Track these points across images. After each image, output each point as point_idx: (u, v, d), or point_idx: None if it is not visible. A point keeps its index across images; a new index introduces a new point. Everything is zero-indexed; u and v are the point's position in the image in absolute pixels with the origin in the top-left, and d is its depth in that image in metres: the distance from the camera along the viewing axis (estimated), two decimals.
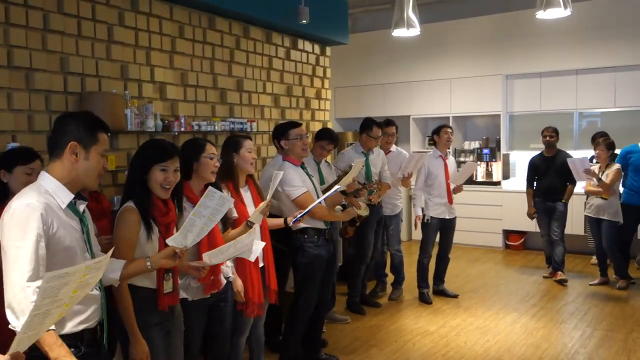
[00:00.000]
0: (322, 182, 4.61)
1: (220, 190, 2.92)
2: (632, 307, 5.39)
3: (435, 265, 5.87)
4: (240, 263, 3.21)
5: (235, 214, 3.14)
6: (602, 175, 5.85)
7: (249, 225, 3.07)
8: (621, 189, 6.15)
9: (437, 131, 5.73)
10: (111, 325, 2.15)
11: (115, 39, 4.31)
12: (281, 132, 3.95)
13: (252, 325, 3.47)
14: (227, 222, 3.08)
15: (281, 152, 4.06)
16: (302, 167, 3.93)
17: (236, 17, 5.43)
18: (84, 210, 2.04)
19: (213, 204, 2.40)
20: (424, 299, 5.69)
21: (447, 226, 5.75)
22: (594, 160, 6.15)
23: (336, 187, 3.63)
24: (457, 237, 5.91)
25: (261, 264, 3.37)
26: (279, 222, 3.57)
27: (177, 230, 2.43)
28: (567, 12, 4.87)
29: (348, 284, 5.48)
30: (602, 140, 6.00)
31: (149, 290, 2.48)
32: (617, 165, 5.92)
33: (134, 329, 2.35)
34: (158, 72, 4.68)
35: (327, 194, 3.61)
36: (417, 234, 7.54)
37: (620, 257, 6.01)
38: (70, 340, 1.90)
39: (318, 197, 3.76)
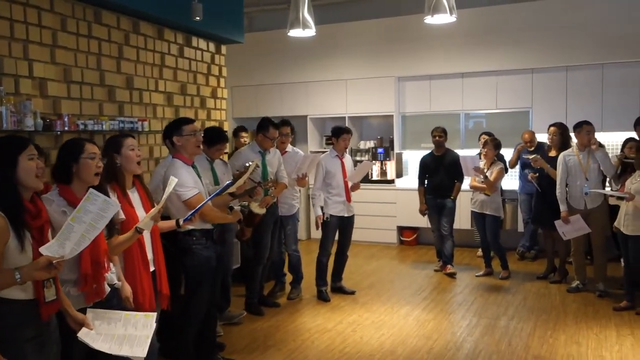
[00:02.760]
0: (215, 182, 4.53)
1: (107, 193, 2.77)
2: (513, 295, 5.77)
3: (333, 262, 5.96)
4: (129, 267, 3.07)
5: (122, 216, 2.97)
6: (487, 173, 6.22)
7: (138, 231, 2.93)
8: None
9: (336, 134, 5.80)
10: None
11: None
12: (173, 128, 3.84)
13: None
14: (112, 228, 2.89)
15: (172, 151, 3.94)
16: (193, 166, 3.84)
17: (124, 12, 5.19)
18: None
19: (95, 209, 2.22)
20: (322, 297, 5.75)
21: (346, 224, 5.85)
22: (481, 158, 6.52)
23: (221, 187, 3.59)
24: (354, 235, 6.03)
25: (152, 268, 3.23)
26: (171, 224, 3.45)
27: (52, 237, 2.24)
28: (453, 19, 5.11)
29: (245, 286, 5.43)
30: (490, 140, 6.39)
31: (22, 302, 2.26)
32: (500, 165, 6.32)
33: None
34: (37, 67, 4.36)
35: (214, 194, 3.54)
36: (316, 233, 7.61)
37: (503, 249, 6.43)
38: None
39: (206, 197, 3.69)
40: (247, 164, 4.47)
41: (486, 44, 7.80)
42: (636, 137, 6.03)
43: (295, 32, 5.56)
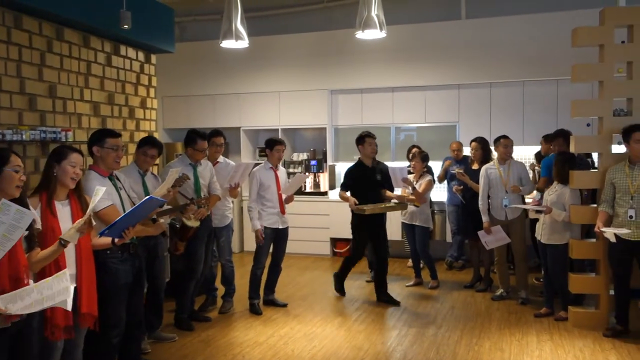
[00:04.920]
0: (146, 194, 4.41)
1: (26, 204, 2.66)
2: (441, 304, 5.93)
3: (267, 275, 5.92)
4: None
5: (38, 225, 2.83)
6: (416, 185, 6.38)
7: (62, 244, 2.81)
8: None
9: (270, 146, 5.79)
10: None
11: None
12: (97, 138, 3.74)
13: (66, 352, 3.18)
14: (32, 241, 2.77)
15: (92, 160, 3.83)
16: (110, 178, 3.74)
17: (47, 17, 5.00)
18: None
19: (8, 219, 2.13)
20: (254, 310, 5.70)
21: (280, 236, 5.83)
22: (410, 170, 6.68)
23: (146, 198, 3.50)
24: (288, 247, 6.02)
25: (74, 285, 3.09)
26: (106, 241, 3.29)
27: None
28: (383, 34, 5.25)
29: (176, 301, 5.29)
30: (417, 153, 6.57)
31: None
32: (429, 177, 6.51)
33: None
34: None
35: (133, 207, 3.44)
36: (249, 245, 7.55)
37: (432, 259, 6.60)
38: None
39: (126, 211, 3.58)
40: (179, 175, 4.39)
41: (415, 59, 8.04)
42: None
43: (227, 44, 5.53)
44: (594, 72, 5.15)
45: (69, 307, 2.65)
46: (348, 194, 6.01)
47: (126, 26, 5.18)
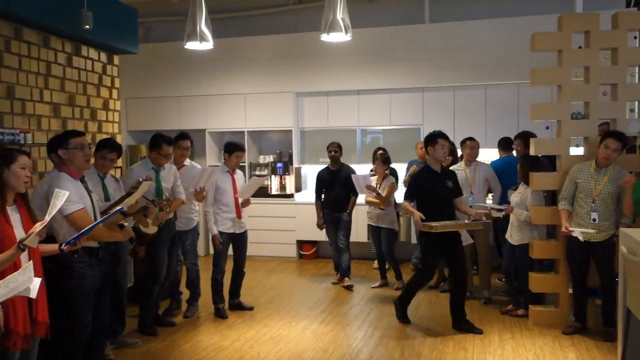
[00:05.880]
0: (106, 198, 4.35)
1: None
2: None
3: (231, 279, 5.88)
4: None
5: None
6: (379, 188, 6.43)
7: (22, 248, 2.75)
8: None
9: (229, 151, 5.72)
10: None
11: None
12: (60, 141, 3.66)
13: None
14: None
15: (58, 164, 3.74)
16: (82, 180, 3.66)
17: (5, 17, 4.87)
18: None
19: None
20: (219, 314, 5.65)
21: (237, 240, 5.76)
22: (374, 173, 6.74)
23: (117, 208, 3.44)
24: (254, 250, 6.01)
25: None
26: (53, 248, 3.21)
27: None
28: (348, 37, 5.28)
29: (140, 305, 5.21)
30: (379, 155, 6.62)
31: None
32: (392, 179, 6.57)
33: None
34: None
35: (106, 216, 3.39)
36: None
37: (397, 261, 6.66)
38: None
39: (95, 216, 3.52)
40: (140, 179, 4.33)
41: (380, 62, 8.11)
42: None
43: (192, 45, 5.50)
44: (552, 76, 5.28)
45: (33, 295, 2.67)
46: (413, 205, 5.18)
47: (87, 26, 5.08)
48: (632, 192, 4.48)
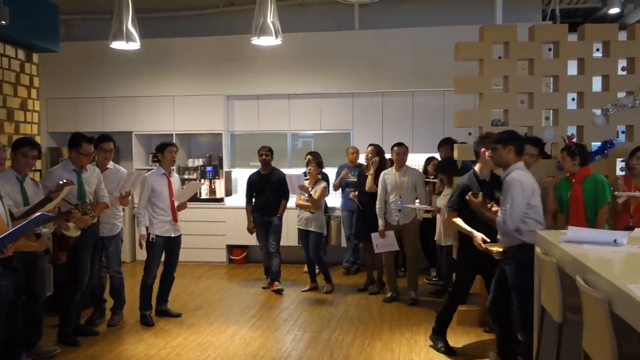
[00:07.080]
0: (25, 202, 4.15)
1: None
2: (335, 308, 6.05)
3: (159, 285, 5.74)
4: None
5: None
6: (311, 191, 6.47)
7: None
8: None
9: (161, 149, 5.64)
10: None
11: None
12: None
13: None
14: None
15: None
16: None
17: None
18: None
19: None
20: (146, 322, 5.50)
21: (172, 244, 5.68)
22: (306, 176, 6.77)
23: (37, 214, 3.29)
24: (183, 255, 5.88)
25: None
26: None
27: None
28: (278, 41, 5.30)
29: (60, 315, 4.98)
30: (312, 159, 6.67)
31: None
32: (324, 183, 6.63)
33: None
34: None
35: (21, 225, 3.22)
36: (141, 255, 7.28)
37: (325, 264, 6.72)
38: None
39: (8, 221, 3.34)
40: (60, 182, 4.16)
41: (311, 67, 8.16)
42: (437, 157, 6.76)
43: (118, 45, 5.34)
44: (474, 84, 5.49)
45: None
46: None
47: (3, 22, 4.83)
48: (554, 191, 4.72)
